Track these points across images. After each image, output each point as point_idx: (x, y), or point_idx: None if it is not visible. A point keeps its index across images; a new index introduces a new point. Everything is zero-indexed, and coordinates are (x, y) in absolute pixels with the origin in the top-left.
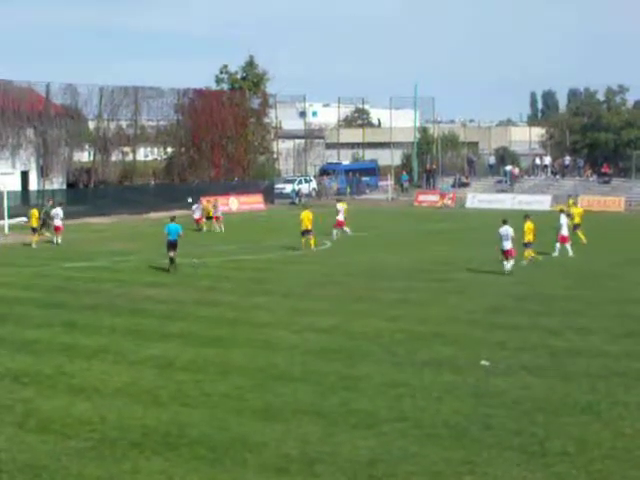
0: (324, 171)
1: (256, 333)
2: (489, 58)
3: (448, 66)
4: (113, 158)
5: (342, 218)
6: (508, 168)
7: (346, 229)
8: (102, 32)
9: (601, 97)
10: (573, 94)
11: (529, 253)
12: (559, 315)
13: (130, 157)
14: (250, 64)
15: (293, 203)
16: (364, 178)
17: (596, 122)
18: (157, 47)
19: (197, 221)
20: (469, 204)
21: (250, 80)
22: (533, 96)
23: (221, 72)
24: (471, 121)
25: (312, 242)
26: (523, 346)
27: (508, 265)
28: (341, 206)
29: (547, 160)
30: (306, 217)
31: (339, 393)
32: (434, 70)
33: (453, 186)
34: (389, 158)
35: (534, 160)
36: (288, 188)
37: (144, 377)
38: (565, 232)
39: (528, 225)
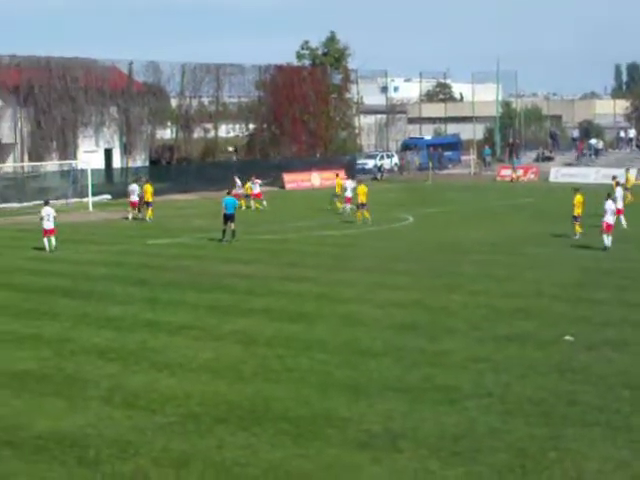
0: (406, 146)
1: (339, 308)
2: (572, 30)
3: (530, 39)
4: (195, 135)
5: (350, 195)
6: (592, 141)
7: (350, 206)
8: (183, 9)
9: None
10: None
11: (579, 227)
12: None
13: (212, 134)
14: (331, 40)
15: (375, 178)
16: (446, 153)
17: None
18: (238, 24)
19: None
20: (552, 178)
21: (331, 56)
22: (617, 68)
23: (302, 48)
24: (554, 94)
25: (366, 215)
26: (607, 321)
27: (608, 240)
28: (351, 183)
29: (632, 133)
30: (361, 191)
31: (422, 368)
32: (516, 43)
33: (536, 160)
34: (471, 132)
35: (618, 133)
36: (370, 163)
37: (227, 353)
38: (620, 205)
39: (578, 198)
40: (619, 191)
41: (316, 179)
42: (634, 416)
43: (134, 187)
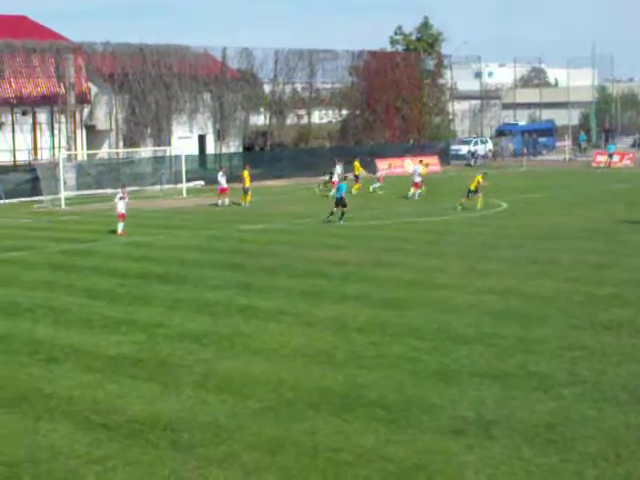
0: (500, 132)
1: (432, 295)
2: None
3: (627, 22)
4: (288, 121)
5: (418, 180)
6: None
7: (419, 191)
8: None
9: None
10: None
11: None
12: None
13: (305, 120)
14: (425, 25)
15: (469, 165)
16: (541, 139)
17: None
18: (331, 9)
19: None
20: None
21: (425, 41)
22: None
23: (396, 33)
24: None
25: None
26: None
27: None
28: (415, 166)
29: None
30: (476, 180)
31: (516, 356)
32: (612, 27)
33: (633, 146)
34: (566, 118)
35: None
36: (464, 149)
37: (320, 338)
38: None
39: None
40: None
41: (409, 165)
42: None
43: (220, 175)
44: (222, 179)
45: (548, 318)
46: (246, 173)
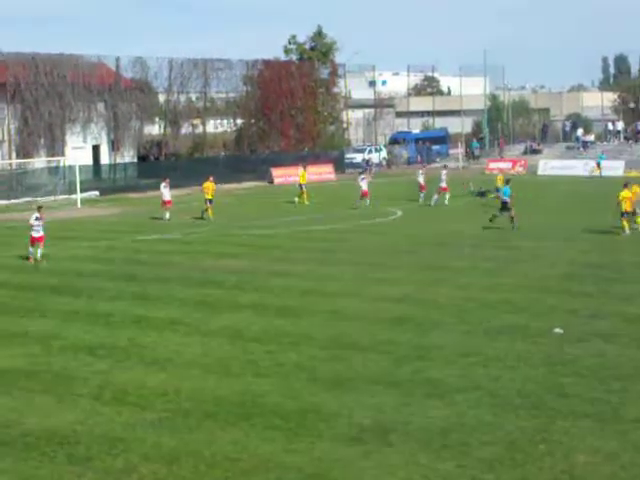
0: (394, 140)
1: (327, 303)
2: (559, 22)
3: (517, 32)
4: (183, 131)
5: (445, 185)
6: (580, 134)
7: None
8: (170, 4)
9: None
10: None
11: (626, 223)
12: (633, 282)
13: (200, 129)
14: (319, 34)
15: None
16: (434, 146)
17: None
18: (225, 19)
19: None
20: (541, 171)
21: (319, 50)
22: (605, 61)
23: (289, 43)
24: (542, 87)
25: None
26: (597, 313)
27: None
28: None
29: (620, 125)
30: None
31: (411, 362)
32: (504, 36)
33: (525, 153)
34: (459, 126)
35: (606, 126)
36: (358, 158)
37: (216, 348)
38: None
39: (624, 194)
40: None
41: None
42: (623, 408)
43: (162, 186)
44: (165, 190)
45: (442, 324)
46: (208, 185)
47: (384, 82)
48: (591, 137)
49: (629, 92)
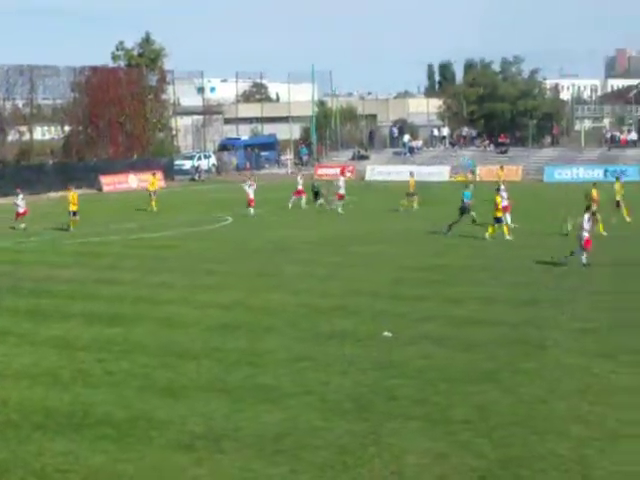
0: (223, 146)
1: (158, 311)
2: (385, 29)
3: (345, 39)
4: (10, 138)
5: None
6: (406, 140)
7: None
8: None
9: (497, 68)
10: (469, 65)
11: (494, 229)
12: (461, 285)
13: (27, 136)
14: (147, 40)
15: (193, 179)
16: (263, 153)
17: (492, 93)
18: (52, 24)
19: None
20: (368, 176)
21: (147, 57)
22: (430, 68)
23: (117, 49)
24: (369, 93)
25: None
26: (425, 316)
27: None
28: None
29: (445, 131)
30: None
31: (243, 368)
32: (331, 43)
33: (352, 159)
34: (288, 132)
35: (432, 131)
36: (187, 164)
37: (46, 358)
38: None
39: (497, 199)
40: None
41: (133, 181)
42: (452, 409)
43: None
44: (21, 202)
45: (274, 330)
46: (72, 195)
47: (213, 89)
48: (418, 143)
49: (454, 99)
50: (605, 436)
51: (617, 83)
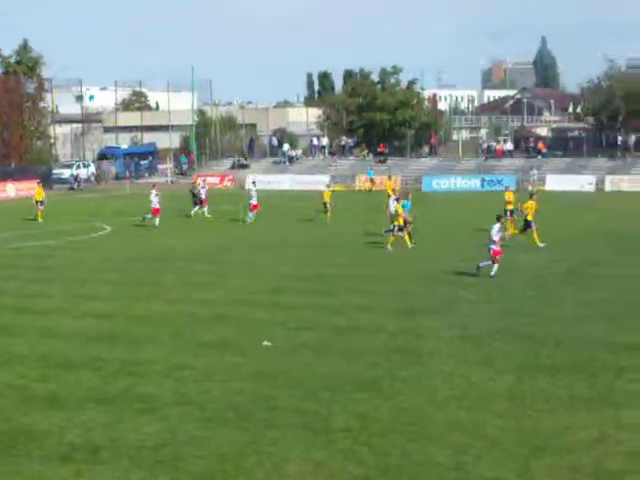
0: (102, 155)
1: (37, 321)
2: (265, 39)
3: (225, 48)
4: None
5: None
6: (286, 149)
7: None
8: None
9: (376, 78)
10: (349, 75)
11: (391, 239)
12: (341, 294)
13: None
14: (24, 48)
15: (72, 188)
16: (143, 162)
17: (371, 102)
18: None
19: None
20: (248, 185)
21: (25, 64)
22: (309, 77)
23: None
24: (249, 103)
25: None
26: (305, 325)
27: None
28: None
29: (324, 141)
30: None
31: (123, 379)
32: (211, 52)
33: (232, 168)
34: (168, 141)
35: (311, 141)
36: (66, 173)
37: None
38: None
39: (398, 208)
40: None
41: (11, 190)
42: (332, 418)
43: None
44: None
45: (155, 340)
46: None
47: (92, 97)
48: (297, 152)
49: (333, 108)
50: (482, 442)
51: (493, 94)
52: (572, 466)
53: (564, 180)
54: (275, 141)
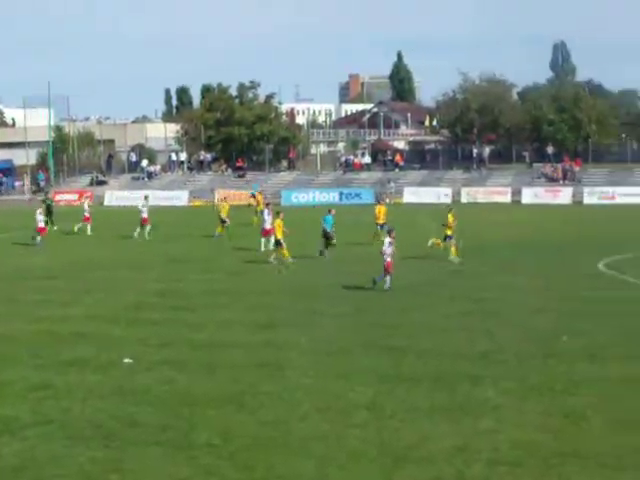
0: None
1: None
2: (122, 55)
3: (82, 63)
4: None
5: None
6: (144, 164)
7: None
8: None
9: (234, 92)
10: (207, 90)
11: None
12: (201, 309)
13: None
14: None
15: None
16: None
17: (229, 117)
18: None
19: None
20: (107, 202)
21: None
22: (167, 92)
23: None
24: (107, 118)
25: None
26: (165, 341)
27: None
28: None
29: (183, 156)
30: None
31: None
32: (68, 68)
33: (91, 184)
34: (25, 158)
35: (170, 156)
36: None
37: None
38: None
39: (278, 222)
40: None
41: None
42: (194, 433)
43: None
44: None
45: (13, 359)
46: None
47: None
48: (156, 167)
49: (191, 123)
50: (345, 454)
51: (351, 108)
52: (434, 476)
53: (421, 192)
54: (134, 157)
